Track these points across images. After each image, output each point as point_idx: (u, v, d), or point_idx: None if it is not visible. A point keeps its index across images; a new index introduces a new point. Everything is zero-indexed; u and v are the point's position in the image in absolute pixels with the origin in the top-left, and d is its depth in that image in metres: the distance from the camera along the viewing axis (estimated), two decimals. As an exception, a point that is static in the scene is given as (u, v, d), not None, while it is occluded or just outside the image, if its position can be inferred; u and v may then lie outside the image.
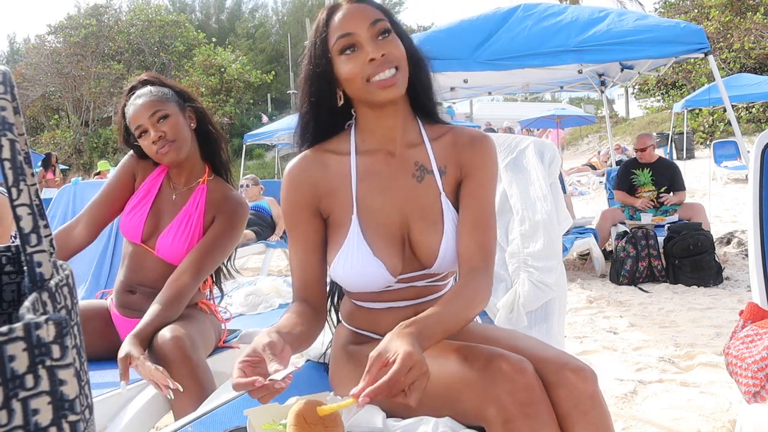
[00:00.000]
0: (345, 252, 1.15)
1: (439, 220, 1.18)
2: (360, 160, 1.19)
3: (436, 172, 1.20)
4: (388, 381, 0.85)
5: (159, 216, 1.77)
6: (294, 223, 1.20)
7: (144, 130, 1.69)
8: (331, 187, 1.18)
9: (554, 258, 1.78)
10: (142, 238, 1.75)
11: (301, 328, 1.10)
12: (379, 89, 1.08)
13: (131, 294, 1.77)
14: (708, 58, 4.60)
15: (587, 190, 11.63)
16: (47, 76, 24.27)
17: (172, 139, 1.69)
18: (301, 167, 1.19)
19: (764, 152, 1.70)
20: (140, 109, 1.69)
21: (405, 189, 1.18)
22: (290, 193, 1.19)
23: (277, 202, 5.61)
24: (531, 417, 0.93)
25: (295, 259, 1.21)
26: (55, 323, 0.42)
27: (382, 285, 1.17)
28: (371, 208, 1.17)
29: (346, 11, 1.11)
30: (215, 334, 1.82)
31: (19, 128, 0.50)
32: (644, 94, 21.96)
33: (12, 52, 36.81)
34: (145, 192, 1.79)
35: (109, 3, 27.39)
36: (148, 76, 1.83)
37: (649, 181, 5.13)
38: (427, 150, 1.21)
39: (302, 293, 1.20)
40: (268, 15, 39.74)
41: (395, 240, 1.17)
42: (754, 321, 1.56)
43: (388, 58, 1.08)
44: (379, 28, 1.10)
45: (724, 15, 16.64)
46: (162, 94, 1.73)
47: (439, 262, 1.17)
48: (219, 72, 24.22)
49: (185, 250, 1.71)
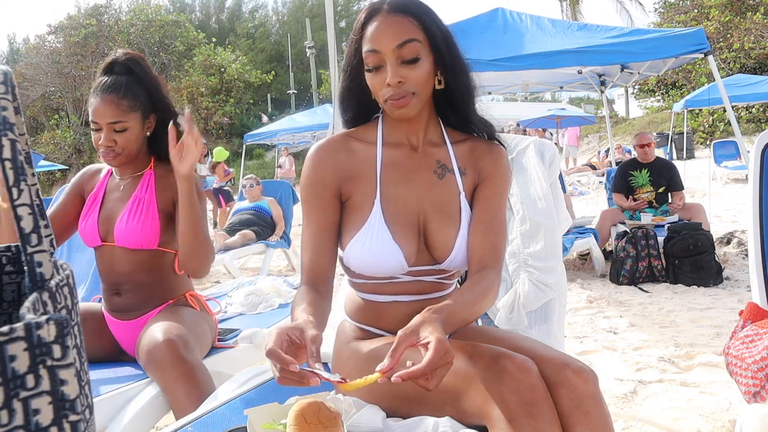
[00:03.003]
0: (364, 233, 1.17)
1: (457, 217, 1.21)
2: (385, 150, 1.23)
3: (457, 172, 1.24)
4: (425, 368, 0.87)
5: (110, 211, 1.77)
6: (313, 201, 1.21)
7: (98, 128, 1.69)
8: (356, 171, 1.22)
9: (554, 258, 1.78)
10: (101, 238, 1.75)
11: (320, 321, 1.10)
12: (393, 108, 1.15)
13: (117, 296, 1.76)
14: (708, 59, 4.60)
15: (587, 190, 11.64)
16: (47, 76, 24.28)
17: (119, 151, 1.70)
18: (328, 148, 1.23)
19: (764, 152, 1.70)
20: (102, 108, 1.67)
21: (426, 183, 1.22)
22: (314, 171, 1.22)
23: (277, 203, 5.61)
24: (535, 417, 0.94)
25: (308, 238, 1.22)
26: (56, 323, 0.42)
27: (396, 270, 1.18)
28: (393, 196, 1.20)
29: (381, 23, 1.13)
30: (210, 333, 1.81)
31: (19, 128, 0.50)
32: (644, 94, 21.97)
33: (12, 52, 36.80)
34: (93, 198, 1.80)
35: (109, 3, 27.40)
36: (133, 55, 1.76)
37: (647, 182, 5.13)
38: (449, 150, 1.26)
39: (312, 278, 1.20)
40: (268, 15, 39.77)
41: (412, 229, 1.20)
42: (754, 321, 1.56)
43: (403, 87, 1.12)
44: (405, 54, 1.12)
45: (724, 15, 16.64)
46: (131, 102, 1.70)
47: (451, 258, 1.19)
48: (219, 72, 24.24)
49: (143, 231, 1.71)
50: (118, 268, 1.75)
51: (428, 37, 1.14)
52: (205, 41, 25.88)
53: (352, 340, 1.26)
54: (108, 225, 1.75)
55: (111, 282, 1.77)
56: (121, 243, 1.72)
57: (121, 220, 1.72)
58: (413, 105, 1.15)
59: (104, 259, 1.77)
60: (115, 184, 1.81)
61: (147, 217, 1.72)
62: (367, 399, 1.17)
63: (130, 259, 1.73)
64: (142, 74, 1.74)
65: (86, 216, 1.78)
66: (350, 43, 1.20)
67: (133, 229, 1.70)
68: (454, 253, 1.19)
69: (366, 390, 1.17)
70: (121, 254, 1.74)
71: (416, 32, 1.13)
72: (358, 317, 1.27)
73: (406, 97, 1.13)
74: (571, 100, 26.66)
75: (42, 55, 24.38)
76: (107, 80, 1.71)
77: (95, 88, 1.71)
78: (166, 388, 1.51)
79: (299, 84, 30.54)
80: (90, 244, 1.78)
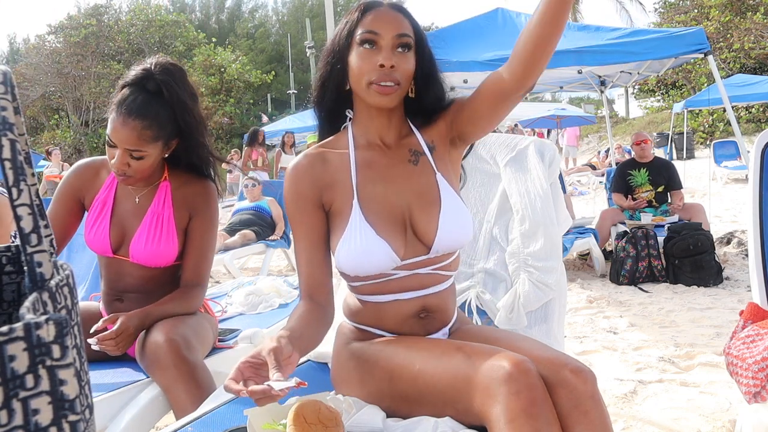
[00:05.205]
0: (348, 235, 1.17)
1: (437, 198, 1.22)
2: (359, 153, 1.25)
3: (427, 151, 1.26)
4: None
5: (123, 223, 1.70)
6: (298, 217, 1.23)
7: (114, 146, 1.58)
8: (332, 179, 1.23)
9: (554, 258, 1.78)
10: (113, 250, 1.69)
11: (310, 330, 1.13)
12: (377, 93, 1.15)
13: (119, 302, 1.73)
14: (708, 59, 4.60)
15: (587, 190, 11.63)
16: (47, 76, 24.25)
17: (131, 174, 1.61)
18: (303, 163, 1.25)
19: (764, 152, 1.70)
20: (123, 132, 1.55)
21: (403, 174, 1.23)
22: (293, 189, 1.23)
23: (277, 202, 5.61)
24: (534, 417, 0.94)
25: (301, 255, 1.23)
26: (56, 323, 0.42)
27: (389, 265, 1.18)
28: (372, 195, 1.21)
29: (383, 12, 1.18)
30: (212, 332, 1.80)
31: (19, 128, 0.50)
32: (644, 94, 21.97)
33: (12, 52, 36.82)
34: (102, 204, 1.71)
35: (109, 3, 27.40)
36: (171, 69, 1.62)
37: (646, 181, 5.13)
38: (416, 134, 1.28)
39: (309, 290, 1.21)
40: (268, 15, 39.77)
41: (397, 223, 1.20)
42: (754, 321, 1.56)
43: (394, 71, 1.14)
44: (402, 42, 1.17)
45: (724, 15, 16.64)
46: (155, 133, 1.58)
47: (439, 238, 1.19)
48: (219, 72, 24.23)
49: (161, 251, 1.67)
50: (127, 279, 1.72)
51: (416, 42, 1.20)
52: (205, 41, 25.87)
53: (351, 341, 1.26)
54: (121, 238, 1.70)
55: (116, 289, 1.74)
56: (135, 260, 1.68)
57: (138, 239, 1.67)
58: (396, 96, 1.17)
59: (112, 269, 1.73)
60: (127, 192, 1.73)
61: (166, 236, 1.68)
62: (367, 399, 1.17)
63: (141, 273, 1.70)
64: (174, 95, 1.60)
65: (95, 224, 1.70)
66: (342, 26, 1.21)
67: (151, 251, 1.66)
68: (440, 233, 1.19)
69: (366, 390, 1.17)
70: (132, 268, 1.70)
71: (410, 32, 1.19)
72: (358, 319, 1.27)
73: (393, 86, 1.15)
74: (571, 100, 26.65)
75: (42, 55, 24.34)
76: (135, 98, 1.57)
77: (120, 103, 1.56)
78: (167, 387, 1.51)
79: (299, 84, 30.54)
80: (99, 253, 1.73)
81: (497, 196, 1.92)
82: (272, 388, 0.87)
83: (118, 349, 1.52)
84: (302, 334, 1.08)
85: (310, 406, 0.96)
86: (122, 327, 1.52)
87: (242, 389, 0.88)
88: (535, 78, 1.13)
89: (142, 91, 1.59)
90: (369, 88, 1.15)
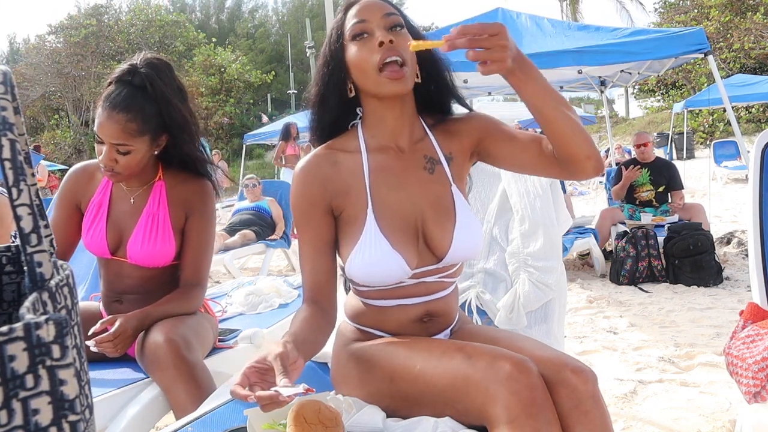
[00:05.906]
0: (362, 246, 1.14)
1: (451, 209, 1.19)
2: (371, 156, 1.20)
3: (444, 162, 1.23)
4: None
5: (120, 224, 1.70)
6: (305, 221, 1.19)
7: (101, 142, 1.58)
8: (344, 184, 1.18)
9: (554, 258, 1.78)
10: (110, 251, 1.69)
11: (314, 334, 1.12)
12: (389, 81, 1.10)
13: (119, 304, 1.73)
14: (708, 59, 4.60)
15: (587, 190, 11.63)
16: (47, 76, 24.26)
17: (120, 171, 1.60)
18: (312, 165, 1.19)
19: (764, 152, 1.70)
20: (107, 126, 1.54)
21: (418, 182, 1.20)
22: (301, 192, 1.19)
23: (277, 203, 5.61)
24: (535, 417, 0.94)
25: (306, 261, 1.20)
26: (56, 323, 0.42)
27: (400, 278, 1.16)
28: (386, 203, 1.17)
29: (365, 2, 1.16)
30: (212, 332, 1.80)
31: (19, 128, 0.50)
32: (644, 94, 21.97)
33: (12, 52, 36.80)
34: (97, 206, 1.71)
35: (109, 3, 27.39)
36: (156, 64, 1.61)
37: (647, 181, 5.14)
38: (432, 141, 1.24)
39: (313, 294, 1.19)
40: (268, 15, 39.78)
41: (410, 233, 1.18)
42: (754, 321, 1.56)
43: (395, 46, 1.10)
44: (392, 21, 1.14)
45: (724, 15, 16.65)
46: (140, 127, 1.56)
47: (452, 251, 1.17)
48: (219, 72, 24.22)
49: (157, 251, 1.67)
50: (126, 281, 1.72)
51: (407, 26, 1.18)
52: (205, 41, 25.87)
53: (351, 341, 1.25)
54: (118, 239, 1.70)
55: (115, 291, 1.74)
56: (133, 261, 1.68)
57: (135, 239, 1.67)
58: (407, 80, 1.11)
59: (111, 270, 1.73)
60: (122, 193, 1.72)
61: (162, 236, 1.67)
62: (367, 399, 1.17)
63: (140, 274, 1.70)
64: (160, 89, 1.59)
65: (92, 226, 1.70)
66: (330, 34, 1.19)
67: (148, 251, 1.66)
68: (454, 247, 1.17)
69: (366, 390, 1.17)
70: (131, 269, 1.70)
71: (398, 14, 1.17)
72: (360, 320, 1.26)
73: (400, 66, 1.10)
74: (571, 100, 26.62)
75: (42, 55, 24.36)
76: (120, 92, 1.56)
77: (105, 98, 1.56)
78: (167, 387, 1.51)
79: (299, 84, 30.53)
80: (97, 255, 1.73)
81: (497, 196, 1.92)
82: (280, 394, 0.87)
83: (116, 350, 1.52)
84: (306, 338, 1.07)
85: (310, 406, 0.96)
86: (120, 329, 1.52)
87: (249, 394, 0.87)
88: (576, 166, 1.13)
89: (127, 86, 1.59)
90: (379, 76, 1.10)
